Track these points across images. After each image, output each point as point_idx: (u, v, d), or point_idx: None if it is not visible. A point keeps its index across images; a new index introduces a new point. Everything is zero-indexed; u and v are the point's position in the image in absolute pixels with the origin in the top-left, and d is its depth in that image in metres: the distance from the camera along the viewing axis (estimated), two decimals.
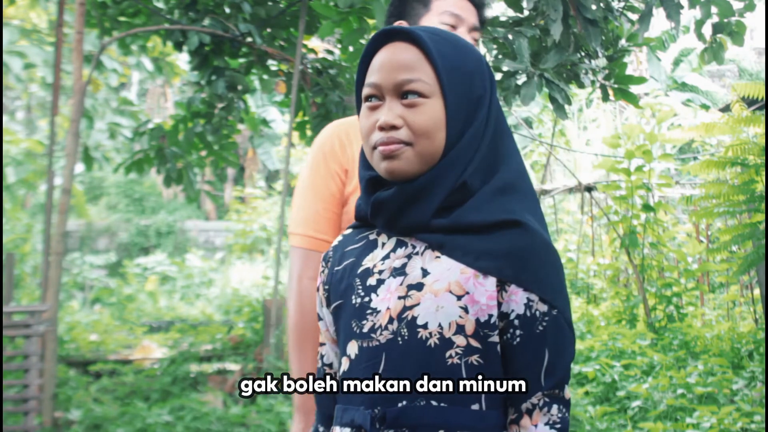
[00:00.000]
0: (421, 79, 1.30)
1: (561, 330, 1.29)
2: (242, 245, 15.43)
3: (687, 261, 8.05)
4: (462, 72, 1.33)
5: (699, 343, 6.83)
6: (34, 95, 15.51)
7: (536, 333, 1.28)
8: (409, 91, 1.30)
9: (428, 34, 1.35)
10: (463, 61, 1.34)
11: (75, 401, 6.45)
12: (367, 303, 1.33)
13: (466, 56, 1.36)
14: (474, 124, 1.33)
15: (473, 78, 1.34)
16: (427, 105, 1.30)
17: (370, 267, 1.36)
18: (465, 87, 1.33)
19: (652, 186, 7.98)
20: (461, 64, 1.34)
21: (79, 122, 6.15)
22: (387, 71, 1.31)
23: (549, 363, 1.27)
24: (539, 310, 1.28)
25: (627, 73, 5.26)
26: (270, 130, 16.89)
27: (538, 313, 1.28)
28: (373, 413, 1.28)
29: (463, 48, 1.36)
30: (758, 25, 13.42)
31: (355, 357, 1.33)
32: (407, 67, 1.31)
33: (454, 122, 1.31)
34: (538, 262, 1.28)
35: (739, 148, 6.14)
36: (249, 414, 6.14)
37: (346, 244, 1.45)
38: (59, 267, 6.02)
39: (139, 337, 10.23)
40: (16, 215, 12.91)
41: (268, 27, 6.83)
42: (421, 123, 1.29)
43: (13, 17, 10.55)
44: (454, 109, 1.31)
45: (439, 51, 1.32)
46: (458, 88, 1.32)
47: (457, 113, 1.31)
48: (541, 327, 1.28)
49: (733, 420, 4.50)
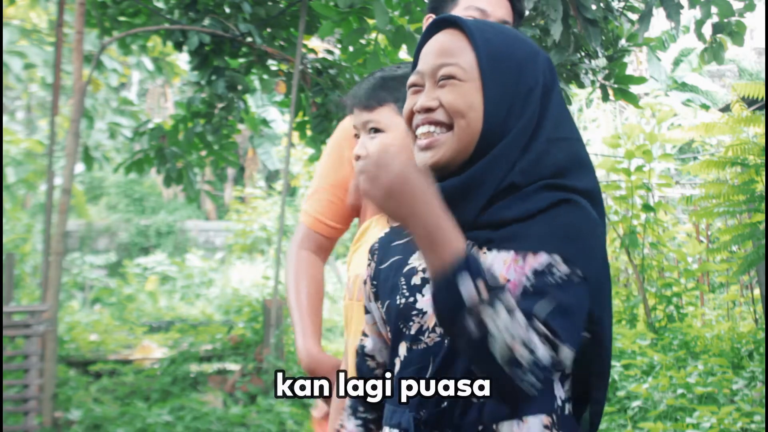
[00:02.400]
0: (457, 64, 1.29)
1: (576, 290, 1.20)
2: (242, 245, 15.42)
3: (687, 261, 8.05)
4: (508, 61, 1.30)
5: (699, 343, 6.83)
6: (34, 95, 15.50)
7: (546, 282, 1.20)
8: (444, 76, 1.29)
9: (478, 22, 1.35)
10: (512, 50, 1.32)
11: (75, 401, 6.45)
12: (413, 303, 1.32)
13: (516, 46, 1.33)
14: (522, 119, 1.29)
15: (522, 69, 1.31)
16: (461, 87, 1.28)
17: (416, 266, 1.34)
18: (510, 76, 1.30)
19: (652, 186, 7.98)
20: (508, 53, 1.31)
21: (79, 122, 6.15)
22: (428, 58, 1.32)
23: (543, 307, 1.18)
24: (558, 269, 1.21)
25: (627, 73, 5.26)
26: (270, 130, 16.88)
27: (555, 270, 1.21)
28: (417, 416, 1.27)
29: (514, 38, 1.34)
30: (758, 25, 13.42)
31: (405, 359, 1.32)
32: (446, 52, 1.31)
33: (495, 109, 1.28)
34: (573, 232, 1.23)
35: (739, 148, 6.14)
36: (249, 414, 6.15)
37: (393, 239, 1.43)
38: (59, 267, 6.01)
39: (139, 337, 10.22)
40: (16, 215, 12.90)
41: (268, 27, 6.83)
42: (452, 101, 1.28)
43: (13, 17, 10.55)
44: (493, 96, 1.28)
45: (483, 37, 1.30)
46: (501, 76, 1.29)
47: (497, 100, 1.28)
48: (552, 280, 1.20)
49: (733, 420, 4.49)
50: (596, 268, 1.24)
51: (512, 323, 1.13)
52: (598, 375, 1.32)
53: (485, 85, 1.28)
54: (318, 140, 6.92)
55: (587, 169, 1.33)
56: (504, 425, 1.24)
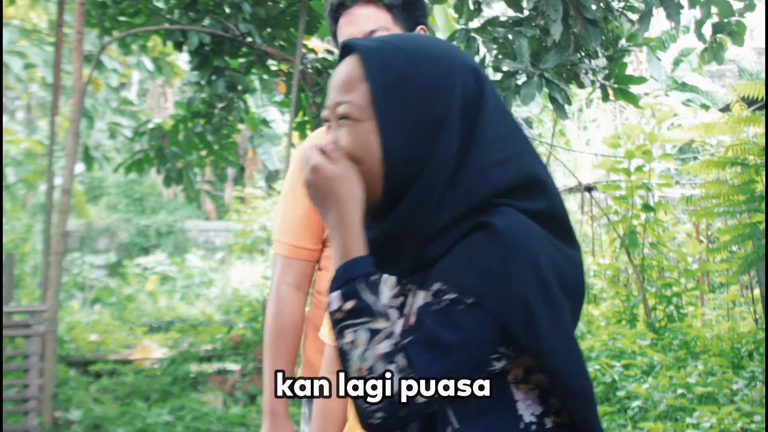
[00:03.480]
0: (352, 101, 1.17)
1: (458, 318, 1.10)
2: (242, 245, 15.42)
3: (687, 261, 8.05)
4: (410, 88, 1.16)
5: (699, 343, 6.83)
6: (34, 95, 15.51)
7: (428, 311, 1.12)
8: (340, 115, 1.19)
9: (382, 46, 1.19)
10: (416, 73, 1.16)
11: (75, 401, 6.46)
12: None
13: (422, 66, 1.17)
14: (438, 151, 1.15)
15: (430, 93, 1.16)
16: (357, 128, 1.17)
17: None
18: (413, 106, 1.15)
19: (652, 186, 7.98)
20: (411, 78, 1.16)
21: (79, 122, 6.15)
22: (331, 92, 1.21)
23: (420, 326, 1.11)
24: (445, 296, 1.11)
25: (627, 73, 5.26)
26: (270, 130, 16.88)
27: (442, 297, 1.11)
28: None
29: (423, 57, 1.18)
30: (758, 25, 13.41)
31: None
32: (342, 87, 1.19)
33: (395, 149, 1.15)
34: (475, 259, 1.12)
35: (739, 148, 6.14)
36: (249, 414, 6.15)
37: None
38: (59, 267, 6.01)
39: (139, 337, 10.23)
40: (16, 215, 12.90)
41: (268, 27, 6.83)
42: (347, 146, 1.18)
43: (13, 17, 10.55)
44: (391, 134, 1.15)
45: (380, 64, 1.17)
46: (400, 109, 1.15)
47: (398, 138, 1.15)
48: (435, 308, 1.11)
49: (733, 420, 4.49)
50: (507, 295, 1.11)
51: (369, 349, 1.10)
52: (570, 397, 1.18)
53: (381, 124, 1.15)
54: None
55: (540, 186, 1.20)
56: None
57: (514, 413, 1.19)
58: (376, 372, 1.09)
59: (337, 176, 1.16)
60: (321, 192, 1.17)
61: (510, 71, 4.87)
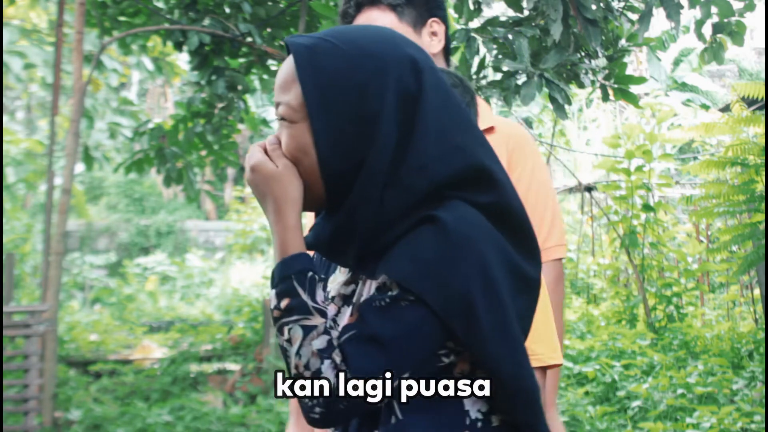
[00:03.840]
0: (288, 103, 1.18)
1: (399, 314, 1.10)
2: (242, 245, 15.42)
3: (687, 261, 8.05)
4: (343, 87, 1.15)
5: (699, 343, 6.83)
6: (34, 95, 15.50)
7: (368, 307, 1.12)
8: (279, 116, 1.20)
9: (317, 44, 1.18)
10: (350, 72, 1.15)
11: (75, 401, 6.46)
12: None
13: (357, 64, 1.15)
14: (374, 149, 1.13)
15: (365, 91, 1.14)
16: (293, 129, 1.18)
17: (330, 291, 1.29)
18: (346, 105, 1.14)
19: (652, 186, 7.98)
20: (344, 78, 1.15)
21: (79, 122, 6.15)
22: (275, 92, 1.22)
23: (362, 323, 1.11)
24: (388, 292, 1.11)
25: (627, 73, 5.25)
26: (270, 130, 16.88)
27: (383, 293, 1.12)
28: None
29: (359, 56, 1.16)
30: (758, 25, 13.41)
31: None
32: (280, 88, 1.20)
33: (329, 149, 1.15)
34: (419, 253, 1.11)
35: (739, 148, 6.14)
36: (249, 414, 6.15)
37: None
38: (59, 267, 6.01)
39: (139, 337, 10.23)
40: (16, 215, 12.91)
41: (268, 27, 6.83)
42: (286, 146, 1.19)
43: (13, 17, 10.55)
44: (324, 134, 1.15)
45: (314, 66, 1.16)
46: (332, 109, 1.15)
47: (331, 137, 1.15)
48: (376, 303, 1.12)
49: (733, 420, 4.50)
50: (450, 292, 1.09)
51: (304, 346, 1.10)
52: (510, 399, 1.16)
53: (313, 124, 1.15)
54: None
55: (490, 180, 1.17)
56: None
57: (460, 408, 1.18)
58: (312, 368, 1.10)
59: (275, 175, 1.18)
60: (260, 190, 1.19)
61: (510, 71, 4.87)
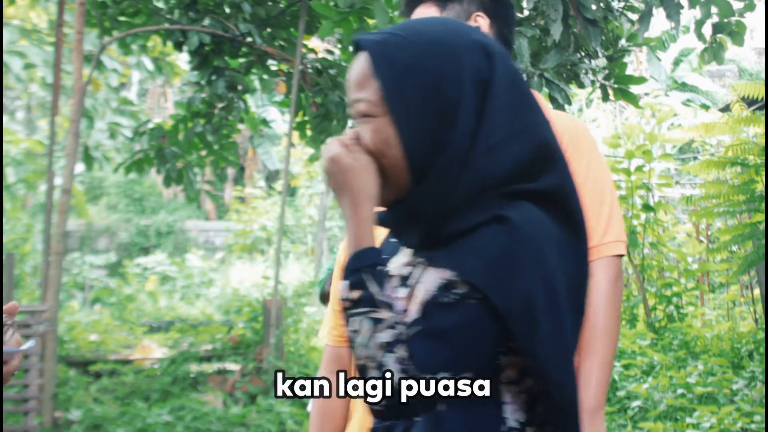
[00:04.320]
0: (366, 99, 1.20)
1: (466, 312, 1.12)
2: (242, 245, 15.43)
3: (687, 261, 8.05)
4: (420, 78, 1.18)
5: (699, 343, 6.83)
6: (34, 95, 15.51)
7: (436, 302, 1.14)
8: (359, 113, 1.22)
9: (388, 38, 1.21)
10: (424, 62, 1.18)
11: (75, 401, 6.46)
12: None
13: (430, 54, 1.19)
14: (453, 134, 1.17)
15: (441, 79, 1.18)
16: (375, 123, 1.20)
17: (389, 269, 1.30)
18: (424, 95, 1.18)
19: (652, 186, 7.97)
20: (419, 69, 1.18)
21: (79, 122, 6.15)
22: (348, 90, 1.24)
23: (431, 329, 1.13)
24: (455, 288, 1.13)
25: (627, 73, 5.26)
26: (270, 130, 16.88)
27: (452, 289, 1.14)
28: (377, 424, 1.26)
29: (432, 48, 1.19)
30: (758, 25, 13.41)
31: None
32: (356, 85, 1.22)
33: (413, 139, 1.18)
34: (490, 253, 1.13)
35: (739, 148, 6.14)
36: (249, 414, 6.15)
37: (389, 238, 1.43)
38: (59, 267, 6.02)
39: (139, 337, 10.23)
40: (16, 215, 12.90)
41: (268, 27, 6.83)
42: (369, 142, 1.21)
43: (13, 17, 10.55)
44: (407, 124, 1.18)
45: (390, 60, 1.19)
46: (412, 101, 1.18)
47: (414, 128, 1.18)
48: (444, 299, 1.14)
49: (733, 420, 4.49)
50: (514, 292, 1.12)
51: (372, 338, 1.12)
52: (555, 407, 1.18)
53: (395, 118, 1.18)
54: (318, 140, 6.92)
55: (551, 160, 1.22)
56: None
57: (499, 414, 1.19)
58: (377, 360, 1.11)
59: (355, 169, 1.19)
60: (338, 183, 1.21)
61: None
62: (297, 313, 8.30)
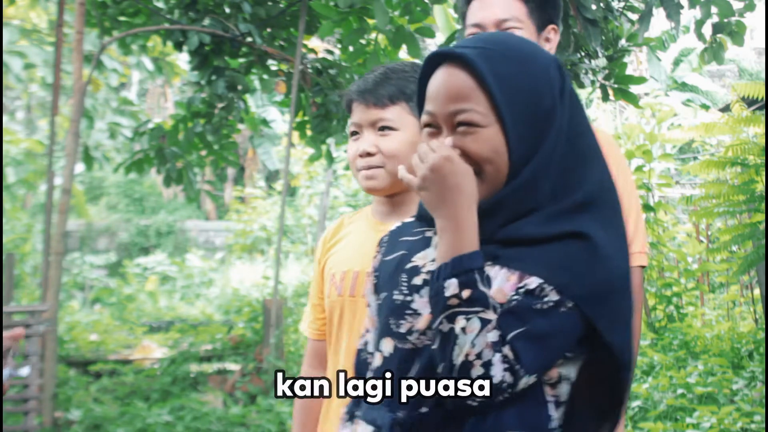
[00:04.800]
0: (474, 109, 1.26)
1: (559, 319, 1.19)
2: (242, 245, 15.42)
3: (687, 261, 8.05)
4: (526, 91, 1.26)
5: (699, 343, 6.83)
6: (34, 95, 15.51)
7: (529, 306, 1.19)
8: (462, 122, 1.26)
9: (485, 52, 1.27)
10: (527, 77, 1.27)
11: (75, 401, 6.46)
12: (408, 302, 1.32)
13: (527, 68, 1.28)
14: (545, 144, 1.26)
15: (540, 93, 1.27)
16: (482, 133, 1.26)
17: (419, 265, 1.33)
18: (530, 106, 1.26)
19: (652, 186, 7.98)
20: (525, 83, 1.26)
21: (79, 122, 6.15)
22: (441, 101, 1.28)
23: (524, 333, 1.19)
24: (547, 295, 1.20)
25: (627, 73, 5.26)
26: (270, 130, 16.88)
27: (543, 295, 1.20)
28: (394, 417, 1.26)
29: (527, 61, 1.28)
30: (758, 25, 13.42)
31: (389, 356, 1.32)
32: (458, 96, 1.26)
33: (521, 146, 1.26)
34: (573, 264, 1.21)
35: (739, 148, 6.14)
36: (249, 414, 6.15)
37: (403, 233, 1.44)
38: (59, 267, 6.01)
39: (139, 337, 10.23)
40: (16, 215, 12.90)
41: (268, 27, 6.83)
42: (477, 150, 1.26)
43: (13, 17, 10.55)
44: (516, 133, 1.25)
45: (496, 74, 1.26)
46: (521, 110, 1.26)
47: (521, 135, 1.26)
48: (537, 305, 1.19)
49: (733, 420, 4.49)
50: (599, 303, 1.22)
51: (479, 336, 1.16)
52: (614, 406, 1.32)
53: (508, 126, 1.25)
54: (318, 140, 6.92)
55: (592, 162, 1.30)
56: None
57: (546, 412, 1.25)
58: (484, 358, 1.16)
59: (466, 173, 1.24)
60: (446, 185, 1.23)
61: None
62: (297, 313, 8.30)
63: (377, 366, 1.33)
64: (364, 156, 1.79)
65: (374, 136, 1.78)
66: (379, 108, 1.77)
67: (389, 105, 1.77)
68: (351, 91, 1.83)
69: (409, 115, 1.77)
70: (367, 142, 1.79)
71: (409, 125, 1.77)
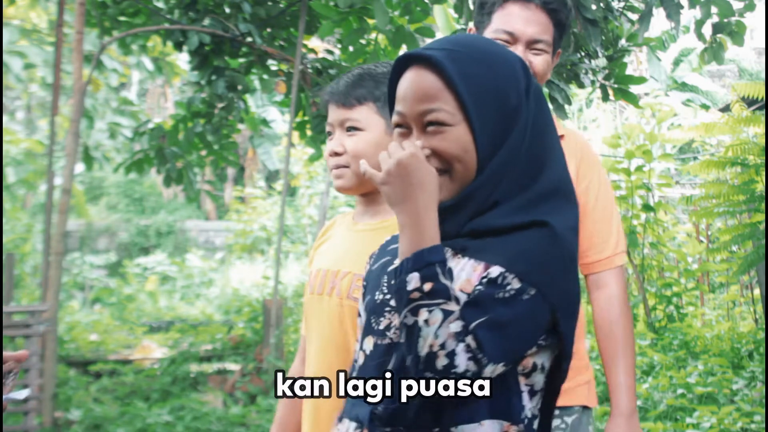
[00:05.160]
0: (442, 109, 1.29)
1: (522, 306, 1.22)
2: (242, 245, 15.42)
3: (687, 261, 8.05)
4: (492, 90, 1.30)
5: (699, 343, 6.83)
6: (34, 95, 15.51)
7: (491, 295, 1.22)
8: (431, 122, 1.30)
9: (452, 54, 1.31)
10: (493, 77, 1.31)
11: (75, 401, 6.46)
12: (388, 300, 1.36)
13: (496, 70, 1.32)
14: (509, 140, 1.30)
15: (506, 92, 1.31)
16: (451, 132, 1.29)
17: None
18: (496, 105, 1.30)
19: (652, 186, 7.98)
20: (491, 82, 1.30)
21: (79, 122, 6.15)
22: (410, 101, 1.31)
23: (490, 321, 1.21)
24: (509, 283, 1.22)
25: (627, 73, 5.26)
26: (270, 130, 16.88)
27: (506, 284, 1.22)
28: (373, 410, 1.28)
29: (493, 61, 1.32)
30: (758, 25, 13.41)
31: (370, 353, 1.36)
32: (426, 97, 1.30)
33: (488, 143, 1.29)
34: (535, 252, 1.25)
35: (739, 148, 6.14)
36: (249, 414, 6.15)
37: (390, 243, 1.49)
38: (59, 267, 6.02)
39: (139, 337, 10.23)
40: (16, 215, 12.90)
41: (268, 27, 6.83)
42: (446, 149, 1.29)
43: (13, 17, 10.55)
44: (483, 131, 1.29)
45: (463, 74, 1.29)
46: (487, 109, 1.29)
47: (487, 133, 1.29)
48: (500, 294, 1.22)
49: (733, 420, 4.50)
50: (562, 287, 1.26)
51: (442, 327, 1.18)
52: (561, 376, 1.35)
53: (475, 125, 1.29)
54: (318, 140, 6.92)
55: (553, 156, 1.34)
56: (462, 428, 1.25)
57: (520, 402, 1.29)
58: (447, 348, 1.18)
59: (431, 172, 1.27)
60: (410, 181, 1.26)
61: None
62: (297, 313, 8.30)
63: (360, 364, 1.37)
64: (332, 155, 1.82)
65: (343, 136, 1.81)
66: (347, 108, 1.80)
67: (356, 105, 1.80)
68: (324, 92, 1.87)
69: (376, 116, 1.80)
70: (336, 142, 1.82)
71: (375, 125, 1.80)
